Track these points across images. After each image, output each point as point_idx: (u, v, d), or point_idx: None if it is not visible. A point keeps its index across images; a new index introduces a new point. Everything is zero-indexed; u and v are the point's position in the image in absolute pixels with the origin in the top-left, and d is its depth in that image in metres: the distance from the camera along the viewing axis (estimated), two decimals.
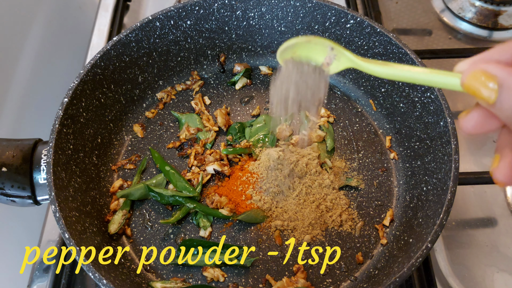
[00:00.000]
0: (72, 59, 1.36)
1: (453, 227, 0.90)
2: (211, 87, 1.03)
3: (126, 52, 0.91)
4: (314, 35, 0.77)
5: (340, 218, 0.84)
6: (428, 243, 0.67)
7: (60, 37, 1.32)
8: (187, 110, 0.99)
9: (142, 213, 0.86)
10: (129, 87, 0.96)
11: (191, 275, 0.79)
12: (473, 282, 0.84)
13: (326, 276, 0.79)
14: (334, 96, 1.01)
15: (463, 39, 1.20)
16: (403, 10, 1.27)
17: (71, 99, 0.81)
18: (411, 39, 1.21)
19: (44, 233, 0.91)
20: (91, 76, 0.85)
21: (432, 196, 0.78)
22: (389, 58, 0.89)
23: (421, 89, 0.84)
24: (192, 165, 0.91)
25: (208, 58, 1.04)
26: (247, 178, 0.87)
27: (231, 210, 0.83)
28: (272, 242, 0.82)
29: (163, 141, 0.95)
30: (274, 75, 1.04)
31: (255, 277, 0.79)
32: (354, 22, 0.91)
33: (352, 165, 0.91)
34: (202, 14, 0.95)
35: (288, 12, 0.96)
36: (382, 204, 0.87)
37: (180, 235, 0.83)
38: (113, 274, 0.72)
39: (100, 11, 1.26)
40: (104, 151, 0.91)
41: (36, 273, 0.86)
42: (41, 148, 0.80)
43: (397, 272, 0.67)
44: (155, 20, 0.91)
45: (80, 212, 0.77)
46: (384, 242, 0.82)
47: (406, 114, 0.90)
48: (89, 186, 0.84)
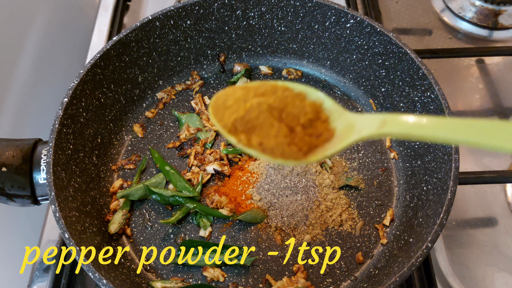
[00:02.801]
0: (72, 59, 1.36)
1: (453, 226, 0.90)
2: (211, 87, 1.03)
3: (126, 52, 0.91)
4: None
5: (340, 218, 0.84)
6: (428, 242, 0.67)
7: (60, 37, 1.32)
8: (187, 110, 0.99)
9: (142, 213, 0.86)
10: (129, 87, 0.96)
11: (191, 275, 0.79)
12: (473, 281, 0.84)
13: (326, 276, 0.79)
14: (334, 96, 1.01)
15: (463, 38, 1.20)
16: (403, 9, 1.27)
17: (71, 99, 0.81)
18: (411, 38, 1.21)
19: (44, 233, 0.91)
20: (91, 76, 0.85)
21: (432, 195, 0.78)
22: (389, 57, 0.89)
23: (421, 89, 0.84)
24: (192, 165, 0.91)
25: (208, 58, 1.04)
26: (247, 178, 0.87)
27: (231, 210, 0.83)
28: (272, 242, 0.82)
29: (163, 141, 0.95)
30: (274, 76, 1.04)
31: (255, 277, 0.79)
32: (354, 21, 0.91)
33: (352, 164, 0.91)
34: (202, 14, 0.95)
35: (288, 12, 0.96)
36: (382, 203, 0.87)
37: (180, 235, 0.83)
38: (113, 274, 0.72)
39: (100, 11, 1.26)
40: (104, 151, 0.91)
41: (36, 273, 0.86)
42: (41, 148, 0.80)
43: (397, 272, 0.67)
44: (155, 20, 0.91)
45: (80, 212, 0.77)
46: (384, 242, 0.82)
47: (406, 113, 0.90)
48: (89, 186, 0.84)
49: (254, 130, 0.50)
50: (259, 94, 0.52)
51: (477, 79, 1.12)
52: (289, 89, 0.54)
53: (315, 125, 0.51)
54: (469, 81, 1.12)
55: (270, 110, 0.50)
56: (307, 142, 0.50)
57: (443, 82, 1.09)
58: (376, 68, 0.93)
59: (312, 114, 0.51)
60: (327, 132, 0.51)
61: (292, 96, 0.53)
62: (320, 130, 0.51)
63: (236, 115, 0.51)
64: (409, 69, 0.86)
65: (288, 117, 0.50)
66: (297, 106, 0.52)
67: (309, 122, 0.51)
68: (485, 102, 1.09)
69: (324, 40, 0.98)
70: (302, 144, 0.49)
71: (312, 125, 0.51)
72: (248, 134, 0.50)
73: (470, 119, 0.41)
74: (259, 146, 0.49)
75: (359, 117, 0.50)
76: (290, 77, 1.04)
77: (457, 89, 1.11)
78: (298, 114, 0.51)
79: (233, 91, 0.54)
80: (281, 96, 0.52)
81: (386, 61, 0.90)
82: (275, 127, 0.49)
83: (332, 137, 0.50)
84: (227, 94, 0.54)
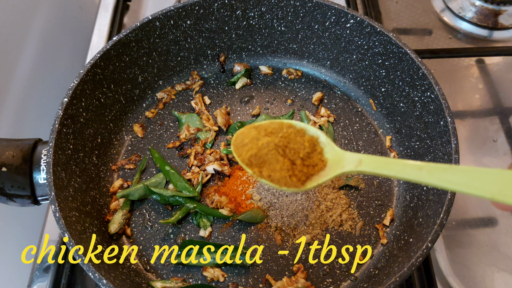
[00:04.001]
0: (72, 59, 1.36)
1: (453, 226, 0.90)
2: (211, 87, 1.03)
3: (126, 52, 0.91)
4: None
5: (340, 218, 0.84)
6: (428, 242, 0.67)
7: (60, 37, 1.32)
8: (187, 110, 0.99)
9: (142, 213, 0.86)
10: (129, 87, 0.96)
11: (191, 275, 0.79)
12: (473, 281, 0.84)
13: (326, 276, 0.79)
14: (334, 96, 1.01)
15: (463, 38, 1.20)
16: (403, 9, 1.27)
17: (71, 99, 0.81)
18: (411, 38, 1.21)
19: (44, 233, 0.91)
20: (91, 76, 0.85)
21: (432, 195, 0.78)
22: (389, 57, 0.89)
23: (421, 89, 0.84)
24: (192, 165, 0.91)
25: (208, 58, 1.04)
26: (247, 177, 0.87)
27: (231, 210, 0.83)
28: (272, 242, 0.82)
29: (163, 141, 0.95)
30: (274, 76, 1.04)
31: (255, 277, 0.79)
32: (354, 21, 0.91)
33: None
34: (202, 14, 0.95)
35: (288, 11, 0.96)
36: (382, 203, 0.87)
37: (180, 235, 0.83)
38: (113, 274, 0.72)
39: (100, 11, 1.26)
40: (104, 151, 0.91)
41: (36, 273, 0.86)
42: (41, 148, 0.80)
43: (397, 272, 0.67)
44: (155, 20, 0.91)
45: (80, 212, 0.77)
46: (384, 242, 0.82)
47: (406, 113, 0.90)
48: (89, 186, 0.84)
49: (264, 164, 0.63)
50: (269, 133, 0.65)
51: (477, 79, 1.12)
52: (293, 126, 0.67)
53: (311, 156, 0.63)
54: (469, 81, 1.12)
55: (276, 148, 0.63)
56: (305, 173, 0.62)
57: (443, 82, 1.09)
58: (376, 68, 0.93)
59: (309, 148, 0.63)
60: (321, 163, 0.63)
61: (295, 132, 0.65)
62: (315, 161, 0.63)
63: (251, 152, 0.64)
64: (409, 69, 0.86)
65: (290, 152, 0.63)
66: (298, 141, 0.64)
67: (307, 155, 0.63)
68: (485, 102, 1.09)
69: (324, 40, 0.98)
70: (300, 175, 0.62)
71: (309, 157, 0.63)
72: (260, 168, 0.63)
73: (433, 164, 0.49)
74: (269, 178, 0.63)
75: (344, 153, 0.62)
76: (290, 77, 1.04)
77: (457, 89, 1.11)
78: (299, 148, 0.63)
79: (249, 131, 0.67)
80: (285, 132, 0.65)
81: (386, 61, 0.90)
82: (280, 162, 0.62)
83: (325, 167, 0.62)
84: (244, 133, 0.67)
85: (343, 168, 0.60)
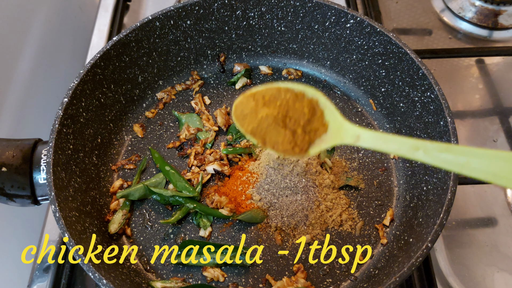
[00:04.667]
0: (72, 59, 1.36)
1: (453, 226, 0.90)
2: (211, 87, 1.03)
3: (126, 52, 0.91)
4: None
5: (340, 218, 0.84)
6: (428, 242, 0.67)
7: (60, 37, 1.32)
8: (187, 110, 0.99)
9: (142, 213, 0.86)
10: (129, 87, 0.96)
11: (191, 275, 0.79)
12: (473, 281, 0.84)
13: (326, 276, 0.79)
14: (334, 96, 1.01)
15: (463, 38, 1.20)
16: (403, 9, 1.27)
17: (71, 99, 0.81)
18: (411, 38, 1.21)
19: (44, 233, 0.91)
20: (91, 76, 0.85)
21: (432, 195, 0.78)
22: (389, 57, 0.89)
23: (421, 89, 0.84)
24: (192, 165, 0.91)
25: (208, 58, 1.04)
26: (247, 178, 0.87)
27: (231, 210, 0.83)
28: (272, 242, 0.82)
29: (163, 141, 0.95)
30: (274, 76, 1.04)
31: (255, 277, 0.79)
32: (354, 21, 0.91)
33: (352, 164, 0.91)
34: (202, 14, 0.95)
35: (288, 12, 0.96)
36: (382, 203, 0.87)
37: (180, 235, 0.83)
38: (113, 274, 0.72)
39: (100, 11, 1.26)
40: (104, 151, 0.91)
41: (36, 273, 0.86)
42: (41, 148, 0.80)
43: (397, 272, 0.67)
44: (155, 20, 0.91)
45: (80, 212, 0.77)
46: (384, 242, 0.82)
47: (406, 113, 0.90)
48: (89, 186, 0.84)
49: (267, 136, 0.65)
50: (267, 102, 0.65)
51: (477, 79, 1.12)
52: (290, 90, 0.66)
53: (312, 121, 0.64)
54: (469, 81, 1.12)
55: (276, 121, 0.64)
56: (307, 140, 0.64)
57: (443, 82, 1.09)
58: (376, 68, 0.93)
59: (309, 114, 0.64)
60: (322, 127, 0.63)
61: (293, 98, 0.65)
62: (317, 126, 0.64)
63: (252, 125, 0.65)
64: (409, 69, 0.86)
65: (291, 121, 0.64)
66: (297, 109, 0.64)
67: (307, 122, 0.63)
68: (485, 102, 1.09)
69: (324, 40, 0.98)
70: (303, 144, 0.63)
71: (310, 122, 0.64)
72: (263, 139, 0.65)
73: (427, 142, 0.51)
74: (273, 148, 0.65)
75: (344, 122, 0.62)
76: (290, 77, 1.04)
77: (457, 89, 1.11)
78: (298, 117, 0.63)
79: (247, 101, 0.67)
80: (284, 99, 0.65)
81: (386, 61, 0.90)
82: (281, 135, 0.63)
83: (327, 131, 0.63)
84: (243, 103, 0.67)
85: (342, 139, 0.61)
